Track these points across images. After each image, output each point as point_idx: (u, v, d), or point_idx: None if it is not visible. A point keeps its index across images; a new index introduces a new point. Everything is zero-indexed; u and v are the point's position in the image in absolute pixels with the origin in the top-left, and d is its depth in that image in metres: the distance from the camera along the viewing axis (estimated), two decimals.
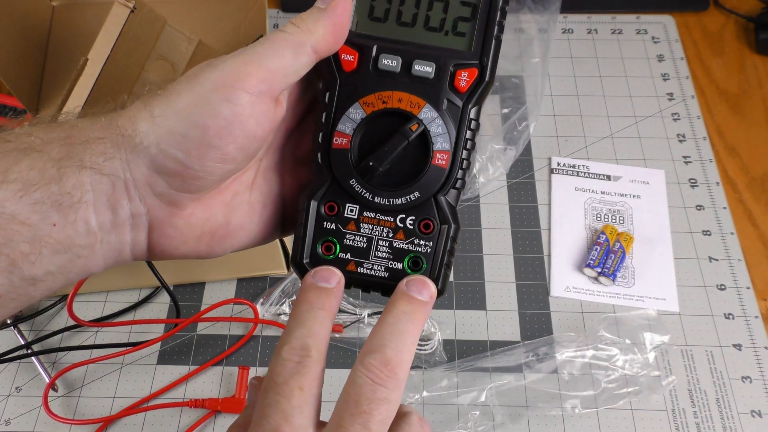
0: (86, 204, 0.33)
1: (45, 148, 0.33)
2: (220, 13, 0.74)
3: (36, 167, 0.33)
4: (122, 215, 0.35)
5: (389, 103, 0.37)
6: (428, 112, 0.37)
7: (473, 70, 0.38)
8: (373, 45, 0.38)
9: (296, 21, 0.36)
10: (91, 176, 0.34)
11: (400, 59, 0.38)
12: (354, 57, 0.38)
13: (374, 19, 0.38)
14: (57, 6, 0.73)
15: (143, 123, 0.34)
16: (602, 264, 0.68)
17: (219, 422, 0.60)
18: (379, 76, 0.38)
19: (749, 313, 0.67)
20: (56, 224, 0.33)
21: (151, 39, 0.71)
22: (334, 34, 0.36)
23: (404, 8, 0.38)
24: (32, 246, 0.32)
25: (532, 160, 0.78)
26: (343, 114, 0.37)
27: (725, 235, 0.72)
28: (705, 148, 0.78)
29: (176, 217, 0.36)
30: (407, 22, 0.38)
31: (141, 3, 0.67)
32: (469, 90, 0.38)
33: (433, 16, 0.38)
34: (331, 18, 0.36)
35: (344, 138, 0.37)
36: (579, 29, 0.90)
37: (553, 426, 0.60)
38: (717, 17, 0.91)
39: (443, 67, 0.37)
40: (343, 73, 0.38)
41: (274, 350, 0.35)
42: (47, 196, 0.32)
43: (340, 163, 0.37)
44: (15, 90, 0.68)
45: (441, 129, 0.37)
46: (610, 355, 0.63)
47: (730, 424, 0.60)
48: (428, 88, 0.37)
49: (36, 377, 0.63)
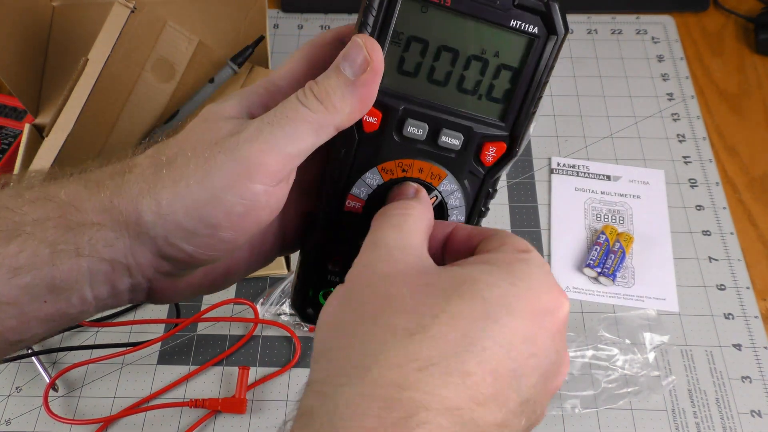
0: (82, 284, 0.32)
1: (36, 229, 0.31)
2: (220, 13, 0.74)
3: (26, 250, 0.31)
4: (121, 288, 0.33)
5: (409, 172, 0.35)
6: (449, 184, 0.35)
7: (502, 144, 0.35)
8: (400, 107, 0.34)
9: (320, 94, 0.32)
10: (89, 262, 0.32)
11: (426, 127, 0.34)
12: (377, 119, 0.34)
13: (403, 72, 0.34)
14: (57, 6, 0.73)
15: (149, 214, 0.32)
16: (602, 264, 0.68)
17: (219, 422, 0.60)
18: (402, 142, 0.35)
19: (749, 313, 0.67)
20: (47, 302, 0.31)
21: (151, 39, 0.71)
22: (361, 111, 0.33)
23: (438, 64, 0.34)
24: (19, 321, 0.31)
25: (532, 160, 0.78)
26: (359, 178, 0.35)
27: (725, 235, 0.72)
28: (705, 148, 0.78)
29: (177, 283, 0.35)
30: (439, 80, 0.34)
31: (141, 3, 0.67)
32: (494, 164, 0.36)
33: (468, 77, 0.34)
34: (361, 96, 0.32)
35: (357, 202, 0.36)
36: (579, 29, 0.90)
37: (553, 426, 0.60)
38: (717, 17, 0.91)
39: (471, 139, 0.35)
40: (363, 133, 0.35)
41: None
42: (39, 279, 0.31)
43: (351, 226, 0.36)
44: (15, 90, 0.68)
45: (459, 202, 0.36)
46: (610, 355, 0.63)
47: (729, 424, 0.60)
48: (452, 161, 0.35)
49: (36, 377, 0.63)
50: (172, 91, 0.73)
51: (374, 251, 0.31)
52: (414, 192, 0.35)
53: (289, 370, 0.63)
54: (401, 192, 0.35)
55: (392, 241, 0.31)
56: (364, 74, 0.32)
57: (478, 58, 0.34)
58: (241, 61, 0.74)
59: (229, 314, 0.66)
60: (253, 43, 0.74)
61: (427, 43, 0.34)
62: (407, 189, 0.35)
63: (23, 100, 0.70)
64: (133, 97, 0.71)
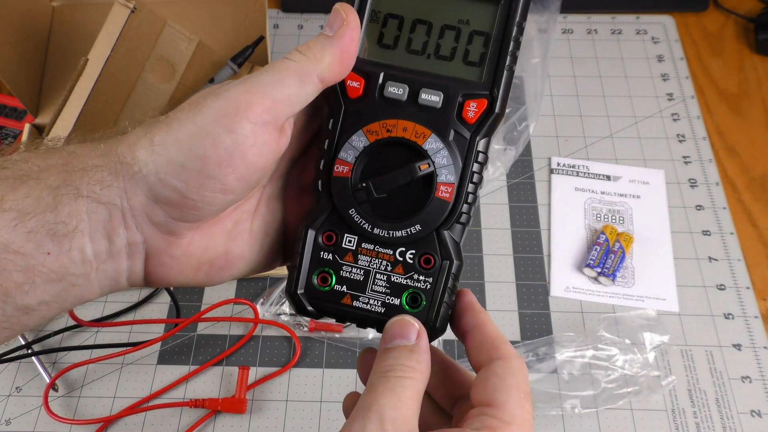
0: (81, 232, 0.33)
1: (42, 175, 0.33)
2: (220, 13, 0.74)
3: (32, 195, 0.32)
4: (119, 244, 0.34)
5: (394, 132, 0.36)
6: (434, 142, 0.36)
7: (483, 100, 0.36)
8: (380, 72, 0.36)
9: (302, 48, 0.35)
10: (87, 204, 0.33)
11: (406, 87, 0.36)
12: (360, 84, 0.36)
13: (383, 45, 0.37)
14: (57, 6, 0.73)
15: (142, 151, 0.33)
16: (602, 264, 0.68)
17: (219, 422, 0.60)
18: (384, 104, 0.36)
19: (749, 313, 0.67)
20: (50, 253, 0.32)
21: (151, 39, 0.71)
22: (342, 62, 0.35)
23: (414, 36, 0.37)
24: (26, 275, 0.32)
25: (532, 160, 0.78)
26: (346, 141, 0.36)
27: (725, 235, 0.72)
28: (705, 148, 0.78)
29: (174, 247, 0.36)
30: (417, 50, 0.37)
31: (141, 3, 0.67)
32: (477, 121, 0.36)
33: (443, 45, 0.37)
34: (339, 46, 0.35)
35: (345, 166, 0.36)
36: (579, 29, 0.90)
37: (553, 426, 0.60)
38: (716, 17, 0.91)
39: (451, 96, 0.36)
40: (348, 100, 0.36)
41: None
42: (42, 224, 0.32)
43: (340, 191, 0.36)
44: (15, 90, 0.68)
45: (446, 161, 0.36)
46: (609, 355, 0.63)
47: (729, 424, 0.60)
48: (435, 118, 0.36)
49: (36, 377, 0.63)
50: (172, 91, 0.73)
51: (366, 421, 0.31)
52: (416, 336, 0.34)
53: (289, 370, 0.63)
54: (402, 333, 0.35)
55: (386, 410, 0.31)
56: (341, 28, 0.35)
57: (450, 27, 0.37)
58: (241, 61, 0.74)
59: (229, 314, 0.66)
60: (253, 43, 0.74)
61: (402, 18, 0.37)
62: (409, 331, 0.35)
63: (23, 100, 0.70)
64: (133, 97, 0.71)
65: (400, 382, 0.33)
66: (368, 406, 0.32)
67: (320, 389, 0.62)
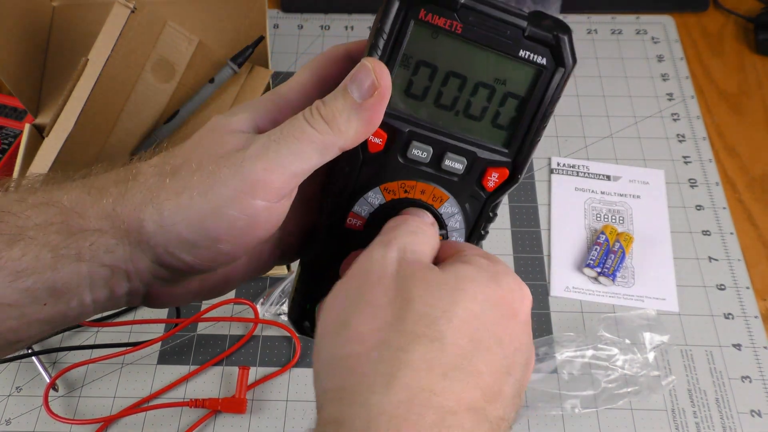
0: (82, 289, 0.32)
1: (38, 234, 0.31)
2: (220, 13, 0.74)
3: (29, 254, 0.31)
4: (119, 293, 0.34)
5: (411, 194, 0.35)
6: (450, 207, 0.36)
7: (505, 170, 0.35)
8: (405, 130, 0.34)
9: (327, 115, 0.32)
10: (89, 267, 0.32)
11: (431, 150, 0.34)
12: (382, 140, 0.34)
13: (411, 96, 0.34)
14: (57, 6, 0.73)
15: (150, 223, 0.32)
16: (602, 264, 0.68)
17: (219, 422, 0.60)
18: (405, 163, 0.35)
19: (749, 313, 0.67)
20: (47, 304, 0.32)
21: (151, 39, 0.71)
22: (366, 134, 0.33)
23: (446, 89, 0.34)
24: (19, 322, 0.31)
25: (532, 160, 0.77)
26: (362, 197, 0.35)
27: (725, 235, 0.72)
28: (704, 148, 0.78)
29: (175, 289, 0.36)
30: (446, 105, 0.34)
31: (141, 3, 0.67)
32: (496, 189, 0.36)
33: (474, 103, 0.34)
34: (367, 120, 0.32)
35: (358, 220, 0.36)
36: (579, 29, 0.90)
37: (552, 426, 0.60)
38: (716, 17, 0.91)
39: (474, 164, 0.35)
40: (367, 153, 0.35)
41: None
42: (41, 282, 0.31)
43: (350, 243, 0.36)
44: (15, 90, 0.68)
45: (459, 225, 0.36)
46: (609, 355, 0.63)
47: (729, 423, 0.60)
48: (455, 184, 0.35)
49: (36, 377, 0.63)
50: (172, 91, 0.73)
51: (386, 250, 0.32)
52: (431, 220, 0.36)
53: (289, 370, 0.63)
54: (417, 212, 0.36)
55: (407, 244, 0.32)
56: (371, 98, 0.32)
57: (485, 86, 0.34)
58: (241, 61, 0.74)
59: (229, 314, 0.66)
60: (253, 43, 0.74)
61: (436, 68, 0.34)
62: (424, 214, 0.36)
63: (23, 100, 0.70)
64: (133, 97, 0.71)
65: (422, 230, 0.33)
66: (387, 242, 0.32)
67: None
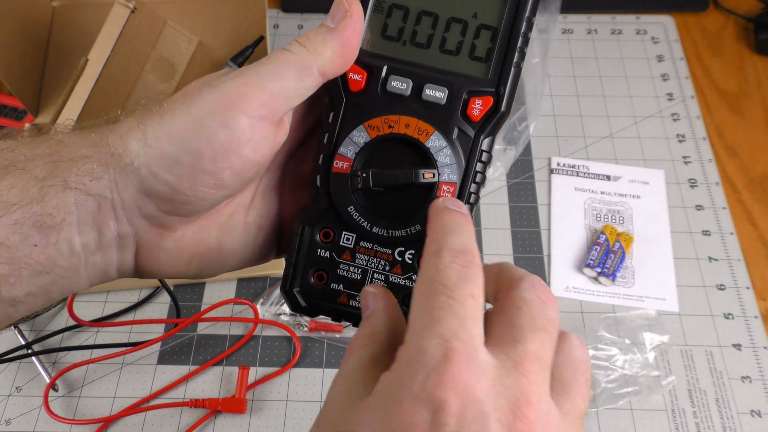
0: (69, 224, 0.32)
1: (28, 165, 0.32)
2: (220, 13, 0.74)
3: (17, 186, 0.31)
4: (108, 236, 0.33)
5: (396, 128, 0.35)
6: (436, 140, 0.35)
7: (488, 98, 0.35)
8: (384, 65, 0.35)
9: (302, 40, 0.34)
10: (75, 196, 0.32)
11: (410, 82, 0.35)
12: (362, 77, 0.35)
13: (387, 37, 0.36)
14: (57, 6, 0.73)
15: (135, 143, 0.32)
16: (602, 264, 0.68)
17: (219, 422, 0.60)
18: (387, 98, 0.35)
19: (749, 313, 0.67)
20: (37, 245, 0.31)
21: (151, 39, 0.71)
22: (343, 55, 0.34)
23: (420, 28, 0.36)
24: (11, 267, 0.31)
25: (531, 160, 0.78)
26: (346, 136, 0.35)
27: (725, 235, 0.72)
28: (704, 148, 0.78)
29: (165, 240, 0.35)
30: (422, 43, 0.36)
31: (141, 3, 0.67)
32: (482, 119, 0.35)
33: (449, 39, 0.36)
34: (341, 39, 0.34)
35: (345, 162, 0.35)
36: (579, 29, 0.90)
37: None
38: (716, 17, 0.91)
39: (456, 93, 0.35)
40: (349, 93, 0.35)
41: (424, 253, 0.31)
42: (28, 216, 0.31)
43: (338, 187, 0.35)
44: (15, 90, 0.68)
45: (449, 159, 0.35)
46: (609, 355, 0.63)
47: (729, 423, 0.60)
48: (438, 115, 0.35)
49: (36, 377, 0.63)
50: (172, 91, 0.73)
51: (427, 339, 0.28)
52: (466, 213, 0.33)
53: (289, 370, 0.63)
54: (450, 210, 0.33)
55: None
56: (343, 20, 0.34)
57: (457, 20, 0.36)
58: (241, 61, 0.74)
59: (229, 314, 0.66)
60: (253, 43, 0.74)
61: (408, 9, 0.36)
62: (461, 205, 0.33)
63: (23, 100, 0.70)
64: (133, 97, 0.71)
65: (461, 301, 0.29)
66: (426, 324, 0.28)
67: (320, 389, 0.62)
